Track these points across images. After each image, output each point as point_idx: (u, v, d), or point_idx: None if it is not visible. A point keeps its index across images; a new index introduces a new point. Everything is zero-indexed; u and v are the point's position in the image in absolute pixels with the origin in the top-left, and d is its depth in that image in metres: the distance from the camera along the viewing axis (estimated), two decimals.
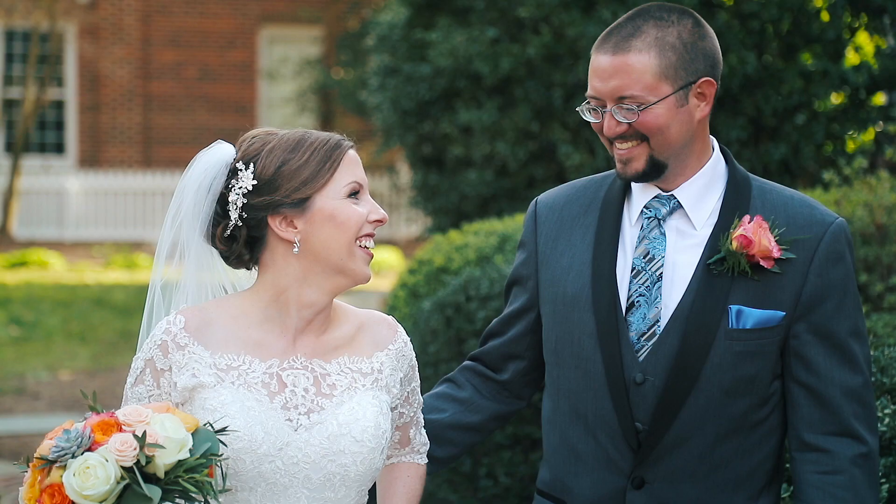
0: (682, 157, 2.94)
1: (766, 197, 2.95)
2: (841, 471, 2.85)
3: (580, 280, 3.00)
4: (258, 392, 2.74)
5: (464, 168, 9.25)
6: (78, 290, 14.99)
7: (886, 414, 3.28)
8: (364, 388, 2.82)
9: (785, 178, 8.07)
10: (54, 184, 20.96)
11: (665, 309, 2.92)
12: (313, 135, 2.80)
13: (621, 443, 2.95)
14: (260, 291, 2.81)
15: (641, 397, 2.92)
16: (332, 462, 2.75)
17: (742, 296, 2.88)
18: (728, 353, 2.87)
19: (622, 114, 2.88)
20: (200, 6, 22.29)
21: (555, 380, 3.07)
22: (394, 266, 17.07)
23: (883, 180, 5.54)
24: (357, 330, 2.89)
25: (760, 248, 2.85)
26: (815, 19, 8.05)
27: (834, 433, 2.87)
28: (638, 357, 2.92)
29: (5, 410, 9.19)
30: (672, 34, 2.87)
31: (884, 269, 5.20)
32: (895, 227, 5.21)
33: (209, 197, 2.79)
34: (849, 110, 8.12)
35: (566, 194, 3.13)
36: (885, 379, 3.42)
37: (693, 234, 2.94)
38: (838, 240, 2.90)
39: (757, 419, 2.91)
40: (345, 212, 2.76)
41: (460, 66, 8.71)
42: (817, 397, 2.88)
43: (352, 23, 20.97)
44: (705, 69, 2.90)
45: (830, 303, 2.88)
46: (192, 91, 22.23)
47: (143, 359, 2.79)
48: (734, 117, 8.06)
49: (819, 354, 2.88)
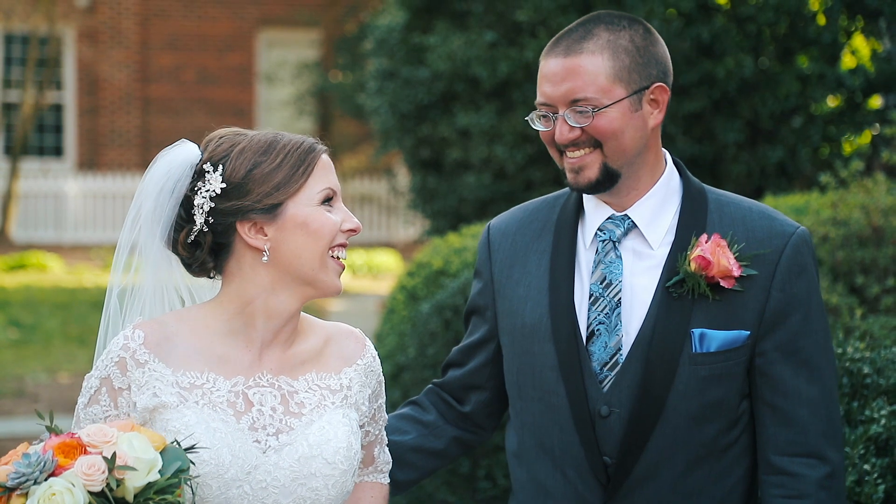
0: (636, 168, 2.84)
1: (723, 210, 2.85)
2: (806, 495, 2.76)
3: (538, 309, 2.88)
4: (224, 412, 2.57)
5: (462, 171, 9.27)
6: (77, 293, 15.00)
7: (883, 415, 3.30)
8: (333, 406, 2.67)
9: (782, 180, 8.11)
10: (53, 187, 20.97)
11: (626, 336, 2.80)
12: (285, 137, 2.64)
13: (590, 477, 2.83)
14: (224, 302, 2.64)
15: (608, 430, 2.80)
16: (303, 486, 2.60)
17: (704, 318, 2.76)
18: (693, 378, 2.76)
19: (575, 118, 2.78)
20: (199, 10, 22.31)
21: (518, 413, 2.95)
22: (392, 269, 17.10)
23: (879, 183, 5.56)
24: (324, 343, 2.73)
25: (720, 268, 2.75)
26: (812, 23, 8.08)
27: (800, 454, 2.78)
28: (602, 388, 2.81)
29: (4, 412, 9.21)
30: (624, 38, 2.80)
31: (880, 271, 5.21)
32: (891, 230, 5.22)
33: (172, 200, 2.60)
34: (845, 113, 8.16)
35: (518, 218, 3.01)
36: (881, 380, 3.44)
37: (650, 254, 2.84)
38: (800, 251, 2.80)
39: (727, 442, 2.81)
40: (318, 220, 2.60)
41: (458, 70, 8.73)
42: (783, 417, 2.78)
43: (350, 26, 20.98)
44: (658, 75, 2.83)
45: (796, 317, 2.78)
46: (190, 94, 22.24)
47: (98, 377, 2.60)
48: (731, 120, 8.09)
49: (786, 372, 2.78)
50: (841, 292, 5.13)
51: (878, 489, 3.18)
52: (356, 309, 13.63)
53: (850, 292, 5.20)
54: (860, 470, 3.22)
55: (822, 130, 8.10)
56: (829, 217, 5.41)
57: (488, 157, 8.95)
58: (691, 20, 8.07)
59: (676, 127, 8.08)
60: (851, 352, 3.51)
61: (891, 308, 5.04)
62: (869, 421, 3.32)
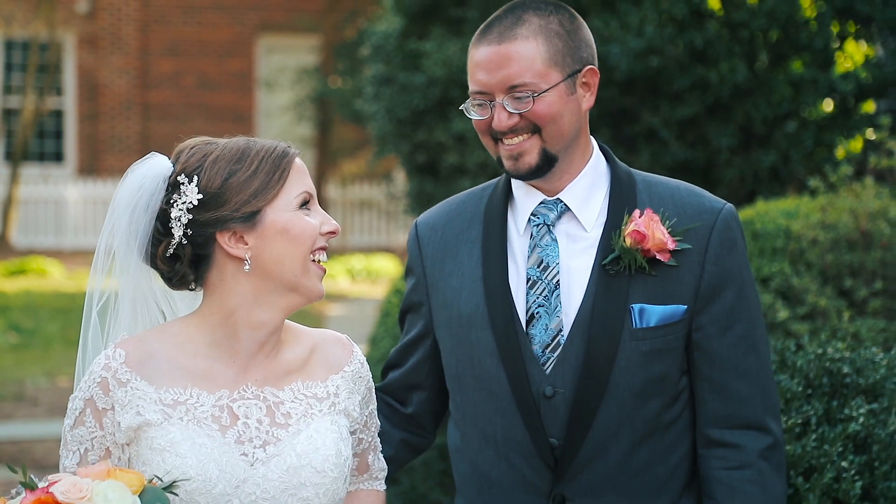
0: (570, 151, 2.84)
1: (652, 190, 2.86)
2: (748, 465, 2.78)
3: (473, 299, 2.86)
4: (209, 427, 2.54)
5: (458, 176, 9.31)
6: (76, 298, 15.02)
7: (861, 413, 3.35)
8: (321, 414, 2.63)
9: (774, 185, 8.16)
10: (53, 192, 21.02)
11: (566, 317, 2.80)
12: (257, 143, 2.61)
13: (537, 462, 2.82)
14: (206, 315, 2.61)
15: (553, 411, 2.79)
16: (294, 496, 2.56)
17: (642, 293, 2.78)
18: (635, 353, 2.77)
19: (513, 104, 2.76)
20: (198, 16, 22.37)
21: (459, 406, 2.94)
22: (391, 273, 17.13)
23: (868, 187, 5.61)
24: (310, 352, 2.70)
25: (655, 241, 2.76)
26: (804, 29, 8.14)
27: (740, 426, 2.80)
28: (545, 370, 2.81)
29: (4, 416, 9.26)
30: (554, 22, 2.79)
31: (868, 274, 5.26)
32: (879, 234, 5.26)
33: (147, 215, 2.57)
34: (837, 118, 8.21)
35: (446, 212, 2.99)
36: (860, 380, 3.49)
37: (584, 236, 2.84)
38: (730, 226, 2.82)
39: (669, 419, 2.83)
40: (298, 224, 2.57)
41: (454, 76, 8.77)
42: (722, 391, 2.81)
43: (349, 32, 21.02)
44: (588, 58, 2.83)
45: (730, 292, 2.80)
46: (190, 100, 22.29)
47: (81, 398, 2.58)
48: (724, 125, 8.14)
49: (723, 346, 2.80)
50: (830, 295, 5.18)
51: (856, 486, 3.22)
52: (355, 313, 13.68)
53: (839, 295, 5.25)
54: (838, 467, 3.27)
55: (815, 135, 8.16)
56: (819, 221, 5.46)
57: (484, 161, 9.00)
58: (684, 26, 8.13)
59: (670, 132, 8.13)
60: (832, 352, 3.57)
61: (878, 311, 5.09)
62: (847, 419, 3.37)
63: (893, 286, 5.19)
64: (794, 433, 3.38)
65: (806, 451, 3.30)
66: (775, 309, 4.98)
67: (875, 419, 3.37)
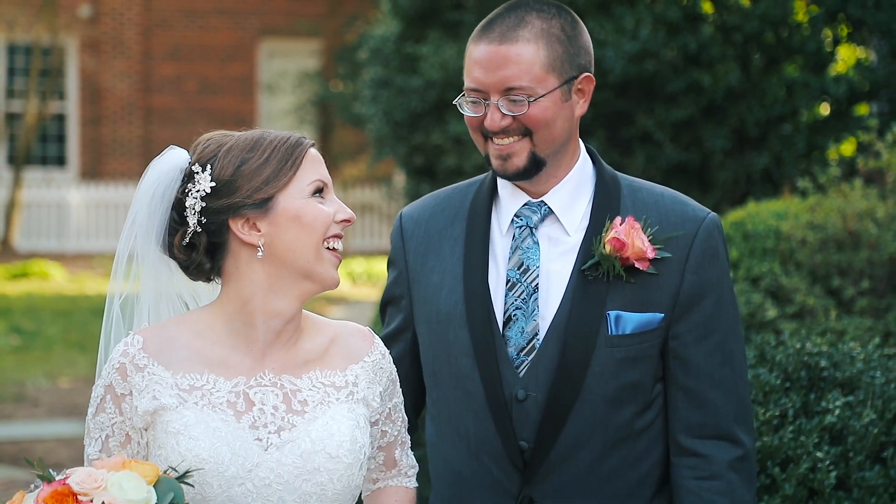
0: (559, 156, 2.82)
1: (636, 196, 2.84)
2: (718, 476, 2.76)
3: (453, 297, 2.85)
4: (223, 412, 2.55)
5: (455, 178, 9.36)
6: (78, 301, 15.07)
7: (837, 406, 3.42)
8: (338, 402, 2.63)
9: (768, 187, 8.23)
10: (56, 196, 21.06)
11: (543, 321, 2.78)
12: (272, 134, 2.64)
13: (506, 463, 2.81)
14: (224, 303, 2.62)
15: (524, 414, 2.78)
16: (308, 482, 2.56)
17: (619, 300, 2.76)
18: (610, 360, 2.75)
19: (508, 106, 2.75)
20: (200, 20, 22.44)
21: (435, 402, 2.93)
22: None
23: (856, 188, 5.67)
24: (330, 343, 2.69)
25: (634, 249, 2.75)
26: (797, 32, 8.21)
27: (711, 436, 2.78)
28: (518, 373, 2.79)
29: (5, 417, 9.31)
30: (556, 26, 2.77)
31: (856, 274, 5.31)
32: (867, 234, 5.30)
33: (163, 204, 2.61)
34: (829, 121, 8.28)
35: (431, 206, 2.98)
36: (837, 373, 3.55)
37: (566, 240, 2.82)
38: (712, 235, 2.80)
39: (642, 426, 2.81)
40: (311, 211, 2.58)
41: (451, 79, 8.83)
42: (696, 399, 2.79)
43: (350, 36, 21.06)
44: (585, 65, 2.81)
45: (709, 301, 2.78)
46: (192, 104, 22.35)
47: (102, 385, 2.60)
48: (718, 127, 8.21)
49: (699, 355, 2.78)
50: (818, 294, 5.23)
51: (831, 476, 3.28)
52: (356, 316, 13.73)
53: (827, 294, 5.30)
54: (814, 458, 3.33)
55: (808, 138, 8.22)
56: (807, 221, 5.51)
57: (481, 164, 9.07)
58: (678, 29, 8.19)
59: (664, 134, 8.19)
60: (810, 346, 3.63)
61: (865, 310, 5.15)
62: (824, 412, 3.43)
63: (880, 285, 5.25)
64: (772, 425, 3.43)
65: (783, 443, 3.35)
66: (765, 308, 5.03)
67: (851, 411, 3.42)
